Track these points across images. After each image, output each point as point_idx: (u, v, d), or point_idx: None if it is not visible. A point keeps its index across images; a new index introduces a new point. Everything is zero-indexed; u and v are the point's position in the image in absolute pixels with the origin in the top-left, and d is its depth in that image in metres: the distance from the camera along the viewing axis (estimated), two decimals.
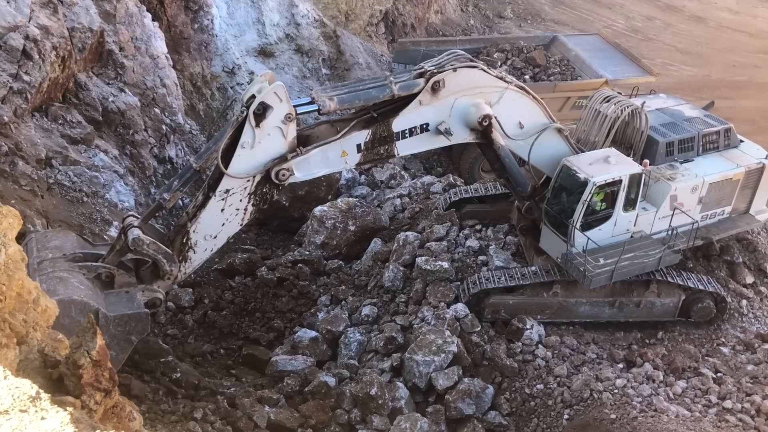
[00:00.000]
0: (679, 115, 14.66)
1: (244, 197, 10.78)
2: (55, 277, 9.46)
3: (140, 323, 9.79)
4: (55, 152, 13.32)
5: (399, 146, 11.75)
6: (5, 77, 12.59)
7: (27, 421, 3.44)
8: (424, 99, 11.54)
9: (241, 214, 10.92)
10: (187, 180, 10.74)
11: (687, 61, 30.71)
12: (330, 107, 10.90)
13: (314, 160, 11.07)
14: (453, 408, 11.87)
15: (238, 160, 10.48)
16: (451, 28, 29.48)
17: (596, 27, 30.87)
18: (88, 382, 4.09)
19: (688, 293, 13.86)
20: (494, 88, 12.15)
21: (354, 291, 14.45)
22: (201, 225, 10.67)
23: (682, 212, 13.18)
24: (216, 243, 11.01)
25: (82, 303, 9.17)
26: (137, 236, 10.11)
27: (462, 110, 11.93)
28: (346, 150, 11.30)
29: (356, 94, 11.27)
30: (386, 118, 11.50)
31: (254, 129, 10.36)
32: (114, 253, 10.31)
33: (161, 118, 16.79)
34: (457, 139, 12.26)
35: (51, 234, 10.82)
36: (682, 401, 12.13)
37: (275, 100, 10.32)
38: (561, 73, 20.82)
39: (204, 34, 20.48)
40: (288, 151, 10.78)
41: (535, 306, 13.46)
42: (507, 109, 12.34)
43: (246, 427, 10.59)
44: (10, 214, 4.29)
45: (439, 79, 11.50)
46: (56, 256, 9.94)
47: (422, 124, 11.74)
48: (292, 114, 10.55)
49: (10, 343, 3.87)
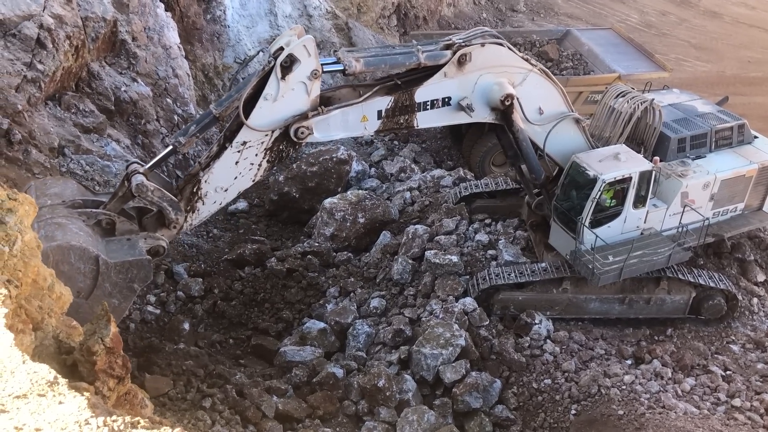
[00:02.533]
0: (692, 111, 14.55)
1: (260, 152, 10.59)
2: (54, 223, 9.15)
3: (142, 270, 9.52)
4: (68, 141, 13.41)
5: (419, 117, 11.62)
6: (19, 66, 12.67)
7: (45, 405, 3.49)
8: (450, 71, 11.42)
9: (255, 169, 10.73)
10: (205, 126, 10.51)
11: (701, 57, 30.46)
12: (356, 68, 10.74)
13: (334, 122, 10.92)
14: (460, 401, 11.89)
15: (260, 112, 10.30)
16: (463, 21, 29.37)
17: (610, 21, 30.67)
18: (102, 369, 4.14)
19: (699, 290, 13.78)
20: (519, 68, 12.05)
21: (363, 283, 14.47)
22: (213, 176, 10.46)
23: (692, 209, 13.09)
24: (226, 196, 10.80)
25: (81, 249, 8.93)
26: (141, 182, 9.80)
27: (485, 87, 11.81)
28: (367, 115, 11.16)
29: (383, 59, 11.13)
30: (410, 87, 11.39)
31: (279, 81, 10.16)
32: (116, 200, 9.98)
33: (173, 108, 16.86)
34: (478, 117, 12.13)
35: (51, 181, 10.52)
36: (691, 398, 12.10)
37: (304, 53, 10.13)
38: (574, 68, 20.69)
39: (216, 25, 20.51)
40: (310, 108, 10.61)
41: (544, 302, 13.43)
42: (529, 92, 12.23)
43: (254, 416, 10.66)
44: (26, 201, 4.33)
45: (466, 52, 11.38)
46: (55, 203, 9.62)
47: (445, 97, 11.61)
48: (319, 70, 10.35)
49: (26, 329, 3.92)
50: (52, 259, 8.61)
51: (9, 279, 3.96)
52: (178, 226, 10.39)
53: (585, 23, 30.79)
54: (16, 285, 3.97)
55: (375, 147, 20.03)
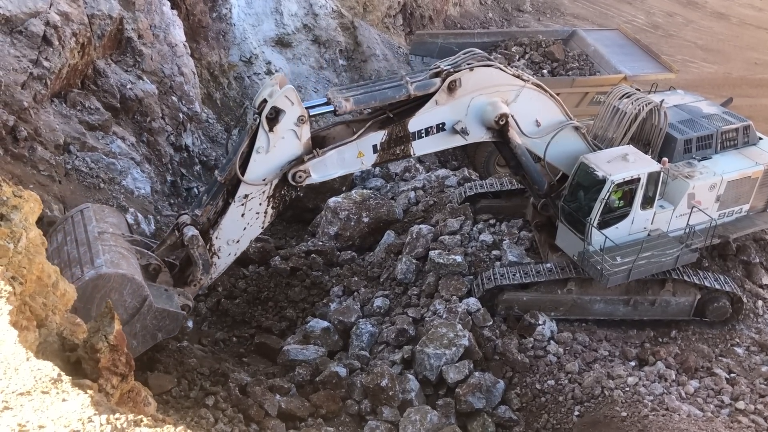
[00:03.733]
0: (697, 112, 14.51)
1: (263, 201, 10.88)
2: (118, 252, 9.62)
3: (173, 323, 9.94)
4: (73, 138, 13.43)
5: (415, 146, 11.73)
6: (25, 63, 12.69)
7: (48, 403, 3.50)
8: (441, 99, 11.51)
9: (262, 217, 11.04)
10: (215, 194, 10.89)
11: (708, 58, 30.36)
12: (346, 108, 10.89)
13: (330, 162, 11.09)
14: (463, 401, 11.88)
15: (255, 165, 10.57)
16: (469, 20, 29.33)
17: (616, 22, 30.57)
18: (105, 366, 4.15)
19: (704, 292, 13.74)
20: (511, 86, 12.08)
21: (366, 282, 14.46)
22: (223, 231, 10.81)
23: (699, 210, 13.05)
24: (239, 247, 11.15)
25: (139, 285, 9.35)
26: (195, 234, 10.37)
27: (478, 109, 11.87)
28: (363, 151, 11.32)
29: (372, 95, 11.24)
30: (402, 118, 11.48)
31: (268, 134, 10.42)
32: (165, 247, 10.53)
33: (178, 106, 16.86)
34: (474, 138, 12.21)
35: (108, 210, 10.99)
36: (695, 401, 12.06)
37: (286, 103, 10.35)
38: (579, 68, 20.66)
39: (222, 23, 20.51)
40: (303, 152, 10.83)
41: (549, 303, 13.40)
42: (524, 108, 12.27)
43: (257, 415, 10.66)
44: (31, 198, 4.34)
45: (455, 78, 11.45)
46: (116, 233, 10.10)
47: (438, 123, 11.70)
48: (305, 116, 10.58)
49: (30, 325, 3.92)
50: (111, 285, 9.07)
51: (14, 276, 3.97)
52: (198, 284, 10.80)
53: (591, 24, 30.72)
54: (20, 282, 3.98)
55: None
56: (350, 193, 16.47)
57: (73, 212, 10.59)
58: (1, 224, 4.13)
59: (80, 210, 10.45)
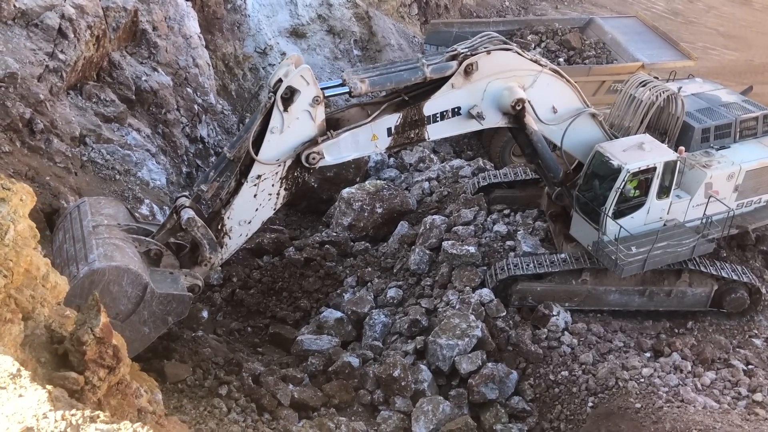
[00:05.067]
0: (716, 101, 14.29)
1: (276, 182, 10.83)
2: (112, 244, 9.62)
3: (181, 305, 9.92)
4: (89, 130, 13.55)
5: (430, 130, 11.64)
6: (41, 56, 12.81)
7: (5, 398, 3.49)
8: (457, 82, 11.40)
9: (274, 199, 10.99)
10: (222, 170, 10.85)
11: (729, 45, 29.83)
12: (361, 89, 10.83)
13: (344, 144, 11.04)
14: (476, 392, 11.87)
15: (268, 146, 10.52)
16: (485, 9, 29.09)
17: (635, 9, 30.11)
18: (92, 359, 4.17)
19: (721, 283, 13.57)
20: (528, 71, 11.94)
21: (380, 273, 14.48)
22: (235, 211, 10.76)
23: (717, 200, 12.87)
24: (251, 228, 11.09)
25: (136, 274, 9.34)
26: (192, 217, 10.25)
27: (495, 94, 11.76)
28: (377, 134, 11.24)
29: (388, 77, 11.16)
30: (417, 101, 11.39)
31: (282, 114, 10.37)
32: (164, 231, 10.47)
33: (193, 97, 16.94)
34: (490, 124, 12.11)
35: (104, 201, 10.99)
36: (711, 393, 11.93)
37: (302, 83, 10.28)
38: (596, 57, 20.38)
39: (237, 14, 20.54)
40: (318, 134, 10.76)
41: (563, 293, 13.32)
42: (541, 93, 12.13)
43: (270, 404, 10.75)
44: (22, 191, 4.37)
45: (472, 62, 11.33)
46: (111, 224, 10.09)
47: (454, 107, 11.60)
48: (320, 97, 10.51)
49: (14, 318, 3.95)
50: (107, 278, 9.10)
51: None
52: (209, 264, 10.74)
53: (609, 11, 30.31)
54: (5, 275, 4.01)
55: None
56: (364, 184, 16.46)
57: (71, 208, 10.63)
58: None
59: (77, 206, 10.48)
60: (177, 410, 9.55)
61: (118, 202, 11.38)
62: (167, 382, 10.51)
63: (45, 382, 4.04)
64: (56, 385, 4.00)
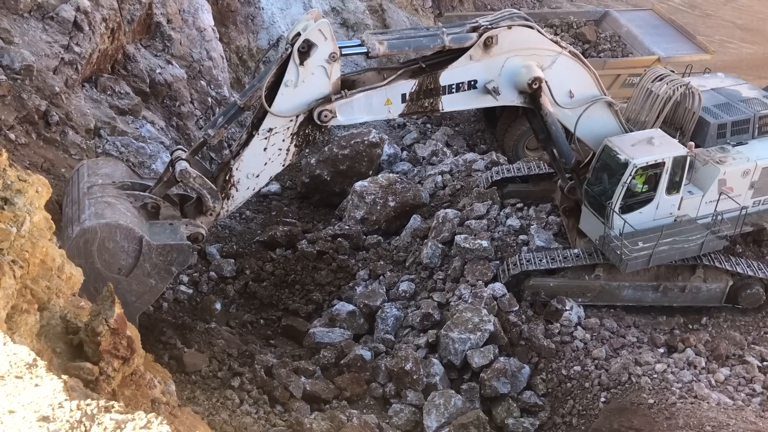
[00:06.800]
0: (735, 96, 14.11)
1: (287, 137, 10.76)
2: (103, 202, 9.70)
3: (182, 254, 10.00)
4: (104, 122, 13.63)
5: (444, 101, 11.53)
6: (57, 48, 12.89)
7: (21, 388, 3.52)
8: (475, 54, 11.29)
9: (284, 154, 10.92)
10: (231, 117, 10.79)
11: (747, 38, 29.46)
12: (379, 51, 10.73)
13: (357, 105, 10.94)
14: (488, 386, 11.87)
15: (282, 99, 10.43)
16: (500, 1, 28.85)
17: (651, 2, 29.75)
18: (106, 349, 4.21)
19: (737, 279, 13.46)
20: (548, 51, 11.83)
21: (392, 266, 14.48)
22: (244, 163, 10.72)
23: (730, 197, 12.75)
24: (258, 182, 11.07)
25: (128, 228, 9.42)
26: (185, 168, 10.21)
27: (513, 70, 11.64)
28: (391, 98, 11.15)
29: (407, 41, 11.10)
30: (435, 70, 11.29)
31: (298, 67, 10.26)
32: (161, 185, 10.46)
33: (207, 90, 16.99)
34: (505, 100, 12.01)
35: (102, 162, 11.06)
36: (725, 389, 11.86)
37: (320, 37, 10.17)
38: (611, 50, 20.19)
39: (251, 7, 20.55)
40: (332, 91, 10.67)
41: (576, 288, 13.26)
42: (559, 75, 12.01)
43: (282, 396, 10.80)
44: (38, 182, 4.41)
45: (492, 35, 11.22)
46: (106, 183, 10.16)
47: (470, 80, 11.49)
48: (337, 53, 10.39)
49: (30, 308, 4.00)
50: (100, 236, 9.21)
51: (14, 260, 4.05)
52: (214, 213, 10.73)
53: (625, 4, 30.01)
54: (21, 265, 4.05)
55: (407, 130, 19.91)
56: (377, 177, 16.44)
57: (72, 173, 10.74)
58: (5, 208, 4.20)
59: (77, 169, 10.60)
60: (190, 401, 9.63)
61: (117, 161, 11.39)
62: (185, 371, 10.61)
63: (60, 372, 4.09)
64: (71, 375, 4.06)
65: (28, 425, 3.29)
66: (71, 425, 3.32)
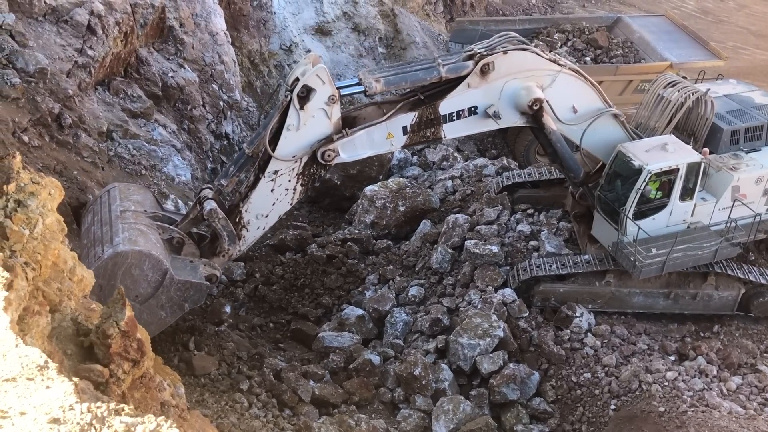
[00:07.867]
0: (749, 102, 14.03)
1: (293, 177, 11.02)
2: (137, 229, 9.96)
3: (198, 293, 10.23)
4: (116, 125, 13.72)
5: (446, 129, 11.67)
6: (71, 51, 12.99)
7: (33, 390, 3.55)
8: (473, 82, 11.40)
9: (291, 194, 11.18)
10: (241, 165, 11.08)
11: (760, 45, 29.29)
12: (376, 88, 10.92)
13: (360, 142, 11.15)
14: (497, 392, 11.82)
15: (285, 142, 10.71)
16: (511, 7, 28.87)
17: (664, 8, 29.67)
18: (116, 352, 4.24)
19: (749, 287, 13.34)
20: (546, 71, 11.87)
21: (402, 271, 14.47)
22: (252, 204, 10.99)
23: (742, 204, 12.64)
24: (267, 222, 11.31)
25: (157, 260, 9.66)
26: (214, 208, 10.51)
27: (512, 93, 11.72)
28: (392, 132, 11.33)
29: (403, 76, 11.22)
30: (433, 100, 11.42)
31: (299, 111, 10.56)
32: (188, 221, 10.77)
33: (219, 94, 17.07)
34: (506, 123, 12.09)
35: (133, 188, 11.34)
36: (737, 398, 11.76)
37: (318, 82, 10.43)
38: (624, 56, 20.15)
39: (263, 11, 20.63)
40: (333, 132, 10.91)
41: (586, 295, 13.19)
42: (560, 93, 12.06)
43: (290, 400, 10.80)
44: (51, 185, 4.45)
45: (488, 61, 11.32)
46: (138, 210, 10.44)
47: (470, 107, 11.61)
48: (335, 95, 10.65)
49: (42, 310, 4.02)
50: (129, 261, 9.44)
51: (26, 261, 4.08)
52: (227, 255, 11.00)
53: (638, 10, 29.93)
54: (33, 267, 4.08)
55: None
56: (387, 182, 16.46)
57: (102, 192, 11.00)
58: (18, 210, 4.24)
59: (107, 190, 10.87)
60: (199, 404, 9.65)
61: (146, 190, 11.73)
62: (194, 374, 10.65)
63: (71, 374, 4.11)
64: (82, 377, 4.07)
65: (39, 427, 3.31)
66: (81, 427, 3.34)
